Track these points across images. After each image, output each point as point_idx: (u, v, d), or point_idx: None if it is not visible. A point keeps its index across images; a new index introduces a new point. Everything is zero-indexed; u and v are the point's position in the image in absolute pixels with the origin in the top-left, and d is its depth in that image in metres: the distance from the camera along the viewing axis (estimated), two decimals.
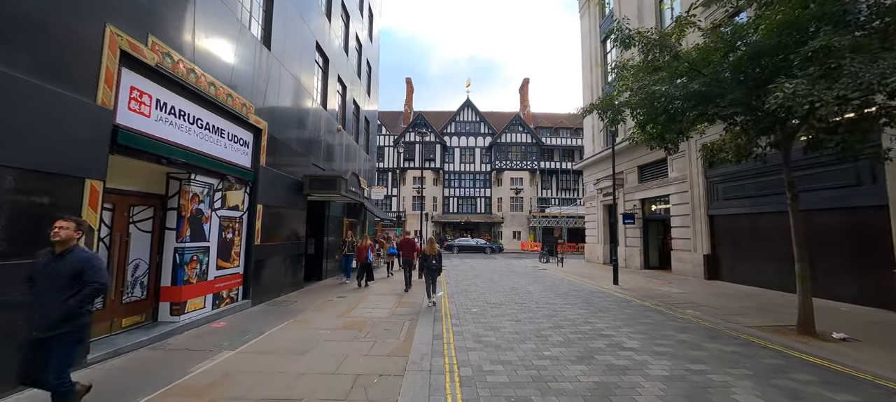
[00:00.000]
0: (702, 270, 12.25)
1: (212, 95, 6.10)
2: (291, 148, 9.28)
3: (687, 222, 13.13)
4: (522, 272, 15.12)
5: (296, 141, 9.58)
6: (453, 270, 15.86)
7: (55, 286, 2.67)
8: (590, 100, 21.52)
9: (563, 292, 10.10)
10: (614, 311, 7.61)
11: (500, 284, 11.57)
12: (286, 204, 8.96)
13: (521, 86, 46.06)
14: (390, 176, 40.56)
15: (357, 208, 16.34)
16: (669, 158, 14.19)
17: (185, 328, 5.54)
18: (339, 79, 13.62)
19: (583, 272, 15.02)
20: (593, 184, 20.51)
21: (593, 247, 20.40)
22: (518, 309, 7.68)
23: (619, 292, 10.12)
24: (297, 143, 9.61)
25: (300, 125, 9.89)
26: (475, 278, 13.19)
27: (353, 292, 9.65)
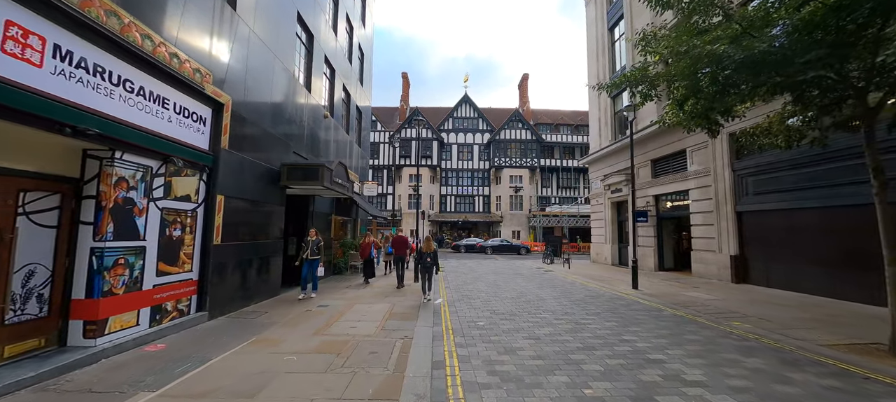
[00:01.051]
0: (728, 272, 11.04)
1: (147, 51, 4.73)
2: (265, 131, 7.91)
3: (710, 219, 11.93)
4: (527, 274, 13.85)
5: (271, 124, 8.21)
6: (452, 271, 14.56)
7: None
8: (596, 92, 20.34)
9: (578, 298, 8.83)
10: (648, 324, 6.35)
11: (506, 288, 10.29)
12: (257, 196, 7.59)
13: (521, 82, 44.88)
14: (386, 173, 39.17)
15: (347, 205, 14.96)
16: (689, 151, 12.99)
17: (103, 355, 4.18)
18: (327, 60, 12.25)
19: (593, 274, 13.77)
20: (600, 180, 19.30)
21: (600, 247, 19.19)
22: (533, 322, 6.38)
23: (642, 297, 8.86)
24: (272, 126, 8.25)
25: (278, 106, 8.52)
26: (476, 281, 11.90)
27: (338, 298, 8.30)
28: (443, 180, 39.44)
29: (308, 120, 10.49)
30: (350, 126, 15.31)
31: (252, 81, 7.39)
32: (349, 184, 10.58)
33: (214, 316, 6.17)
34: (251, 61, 7.37)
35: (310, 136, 10.61)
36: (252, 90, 7.40)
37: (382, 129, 39.68)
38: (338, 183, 9.34)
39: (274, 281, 8.41)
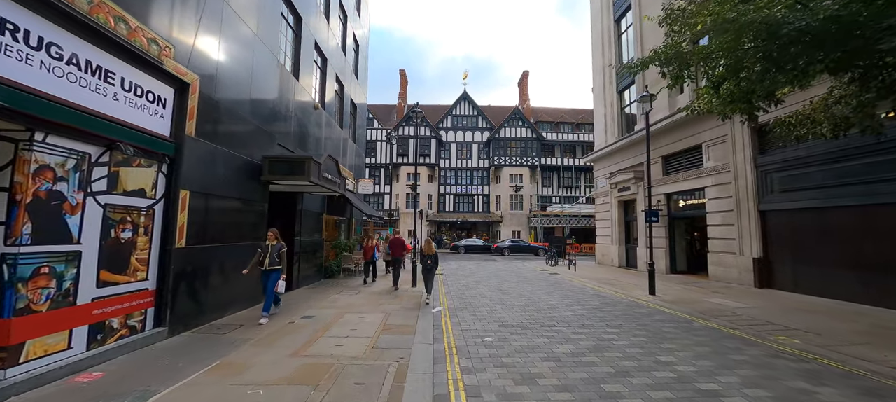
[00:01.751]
0: (750, 276, 10.24)
1: (82, 10, 3.84)
2: (242, 118, 7.01)
3: (729, 219, 11.12)
4: (532, 278, 13.00)
5: (252, 112, 7.31)
6: (451, 274, 13.69)
7: None
8: (602, 83, 19.57)
9: (593, 305, 7.98)
10: (682, 339, 5.50)
11: (512, 294, 9.43)
12: (233, 192, 6.69)
13: (521, 79, 44.10)
14: (383, 172, 38.27)
15: (341, 204, 14.07)
16: (705, 146, 12.18)
17: (13, 391, 3.28)
18: (318, 48, 11.36)
19: (602, 278, 12.94)
20: (606, 178, 18.49)
21: (606, 248, 18.38)
22: (549, 337, 5.52)
23: (663, 305, 8.03)
24: (252, 113, 7.35)
25: (260, 93, 7.62)
26: (478, 285, 11.04)
27: (327, 307, 7.41)
28: (441, 179, 38.57)
29: (296, 112, 9.59)
30: (344, 121, 14.41)
31: (228, 61, 6.49)
32: (341, 180, 9.70)
33: (177, 332, 5.26)
34: (226, 39, 6.46)
35: (298, 129, 9.71)
36: (228, 72, 6.49)
37: (379, 126, 38.77)
38: (327, 179, 8.45)
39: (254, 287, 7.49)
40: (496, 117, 40.38)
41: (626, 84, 17.63)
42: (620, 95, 18.20)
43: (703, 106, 6.63)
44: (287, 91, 8.99)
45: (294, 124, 9.46)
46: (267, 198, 7.97)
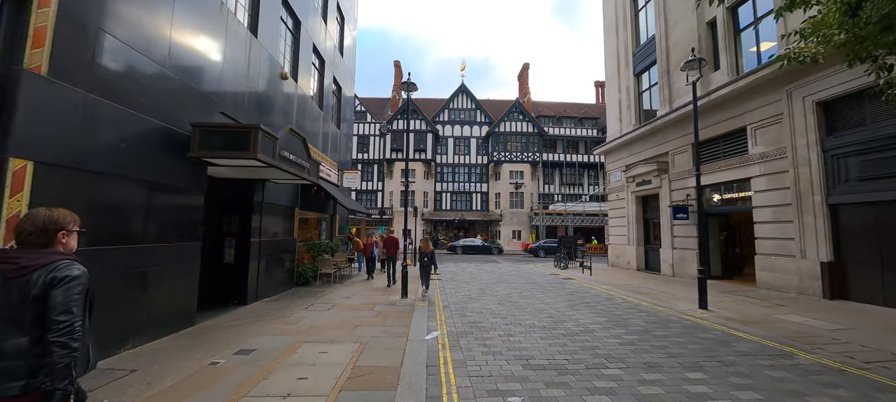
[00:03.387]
0: (817, 284, 8.35)
1: None
2: (155, 67, 4.96)
3: (785, 215, 9.24)
4: (544, 284, 11.04)
5: (172, 60, 5.25)
6: (450, 280, 11.70)
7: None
8: (615, 67, 17.68)
9: (638, 327, 6.03)
10: (811, 394, 3.56)
11: (527, 308, 7.46)
12: (137, 171, 4.65)
13: (521, 72, 42.22)
14: (376, 168, 36.20)
15: (321, 199, 12.03)
16: (751, 129, 10.28)
17: None
18: (287, 5, 9.31)
19: (626, 284, 11.00)
20: (621, 171, 16.60)
21: (621, 249, 16.49)
22: (609, 395, 3.55)
23: (730, 326, 6.09)
24: (175, 65, 5.30)
25: (186, 37, 5.57)
26: (482, 294, 9.06)
27: (280, 333, 5.39)
28: (438, 176, 36.58)
29: (256, 78, 7.56)
30: (325, 104, 12.35)
31: None
32: (311, 165, 7.67)
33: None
34: None
35: (258, 100, 7.67)
36: None
37: (373, 120, 36.71)
38: (288, 160, 6.41)
39: (182, 306, 5.46)
40: (495, 111, 38.45)
41: (644, 66, 15.75)
42: (638, 79, 16.33)
43: (815, 49, 4.65)
44: (237, 46, 6.94)
45: (252, 94, 7.42)
46: (203, 184, 5.93)
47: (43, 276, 1.52)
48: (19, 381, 1.45)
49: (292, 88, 9.55)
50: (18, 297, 1.50)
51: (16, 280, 1.51)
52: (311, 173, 7.76)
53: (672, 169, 13.44)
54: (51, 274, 1.53)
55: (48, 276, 1.53)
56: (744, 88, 10.13)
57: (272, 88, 8.45)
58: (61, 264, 1.57)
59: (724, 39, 11.46)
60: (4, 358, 1.46)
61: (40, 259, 1.55)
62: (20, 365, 1.47)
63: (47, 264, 1.55)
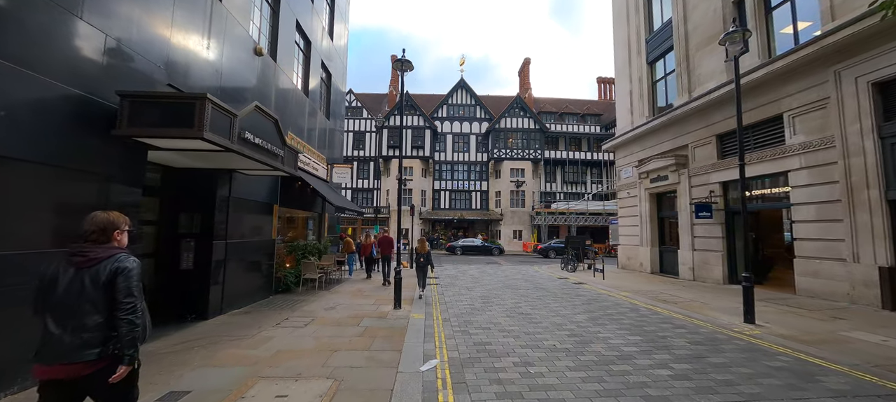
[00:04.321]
0: (875, 293, 7.22)
1: None
2: (71, 27, 3.76)
3: (832, 212, 8.11)
4: (555, 290, 9.88)
5: (92, 10, 4.05)
6: (449, 285, 10.51)
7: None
8: (625, 56, 16.53)
9: (684, 350, 4.87)
10: None
11: (539, 320, 6.30)
12: (37, 153, 3.46)
13: (521, 67, 41.08)
14: (372, 166, 35.00)
15: (307, 195, 10.84)
16: (788, 116, 9.15)
17: None
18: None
19: (645, 290, 9.85)
20: (633, 167, 15.47)
21: (633, 251, 15.36)
22: None
23: (793, 347, 4.95)
24: (101, 23, 4.10)
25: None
26: (488, 304, 7.89)
27: (232, 363, 4.20)
28: (436, 174, 35.37)
29: (219, 49, 6.35)
30: (311, 89, 11.13)
31: None
32: (286, 152, 6.46)
33: None
34: None
35: (222, 75, 6.47)
36: None
37: (369, 116, 35.48)
38: (250, 143, 5.21)
39: None
40: (496, 108, 37.30)
41: (658, 53, 14.61)
42: (651, 67, 15.20)
43: None
44: (194, 7, 5.73)
45: (209, 64, 6.22)
46: (140, 173, 4.72)
47: (109, 266, 1.93)
48: (96, 349, 1.85)
49: (270, 69, 8.34)
50: (91, 283, 1.89)
51: (87, 270, 1.90)
52: (286, 163, 6.56)
53: (692, 163, 12.31)
54: (115, 265, 1.94)
55: (112, 266, 1.93)
56: (781, 71, 9.00)
57: (243, 66, 7.25)
58: (120, 257, 1.98)
59: (754, 19, 10.32)
60: (85, 331, 1.85)
61: (104, 253, 1.96)
62: (96, 337, 1.86)
63: (110, 256, 1.96)
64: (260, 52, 7.68)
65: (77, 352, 1.81)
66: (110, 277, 1.90)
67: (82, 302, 1.86)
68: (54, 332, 1.82)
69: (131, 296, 1.92)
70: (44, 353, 1.82)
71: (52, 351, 1.81)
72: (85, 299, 1.86)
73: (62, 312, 1.85)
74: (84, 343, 1.83)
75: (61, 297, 1.86)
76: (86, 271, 1.90)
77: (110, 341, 1.88)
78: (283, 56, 9.16)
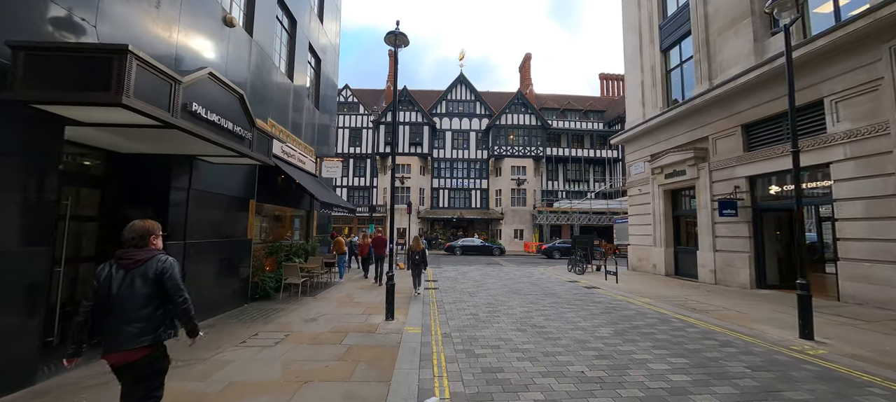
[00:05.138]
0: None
1: None
2: None
3: (886, 209, 7.12)
4: (566, 295, 8.87)
5: None
6: (449, 289, 9.48)
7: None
8: (636, 44, 15.51)
9: (744, 377, 3.86)
10: None
11: (557, 335, 5.29)
12: None
13: (522, 63, 40.08)
14: (369, 163, 33.92)
15: (293, 190, 9.80)
16: (830, 102, 8.16)
17: None
18: None
19: (668, 296, 8.85)
20: (646, 161, 14.48)
21: (645, 251, 14.37)
22: None
23: (876, 373, 3.95)
24: None
25: None
26: (494, 313, 6.87)
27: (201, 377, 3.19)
28: (435, 171, 34.34)
29: (173, 10, 5.30)
30: (294, 69, 10.07)
31: None
32: (255, 135, 5.41)
33: None
34: None
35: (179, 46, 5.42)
36: None
37: (365, 112, 34.41)
38: (203, 120, 4.16)
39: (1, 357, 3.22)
40: (496, 104, 36.30)
41: (673, 40, 13.62)
42: (665, 55, 14.20)
43: None
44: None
45: (162, 29, 5.16)
46: (55, 155, 3.67)
47: (153, 266, 2.27)
48: (149, 336, 2.20)
49: (244, 45, 7.28)
50: (141, 281, 2.23)
51: (135, 270, 2.24)
52: (256, 149, 5.51)
53: (713, 157, 11.32)
54: (158, 265, 2.28)
55: (157, 266, 2.27)
56: (822, 51, 8.01)
57: (208, 36, 6.19)
58: (161, 258, 2.33)
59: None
60: (140, 321, 2.19)
61: (145, 255, 2.29)
62: (148, 326, 2.21)
63: (152, 257, 2.30)
64: (231, 22, 6.63)
65: (136, 340, 2.16)
66: (157, 275, 2.24)
67: (135, 298, 2.19)
68: (115, 325, 2.14)
69: (180, 289, 2.28)
70: (109, 343, 2.16)
71: (116, 340, 2.15)
72: (136, 294, 2.19)
73: (119, 307, 2.16)
74: (140, 332, 2.17)
75: (117, 295, 2.17)
76: (135, 270, 2.22)
77: (160, 329, 2.24)
78: (262, 33, 8.10)
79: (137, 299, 2.18)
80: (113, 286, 2.18)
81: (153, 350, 2.23)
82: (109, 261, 2.27)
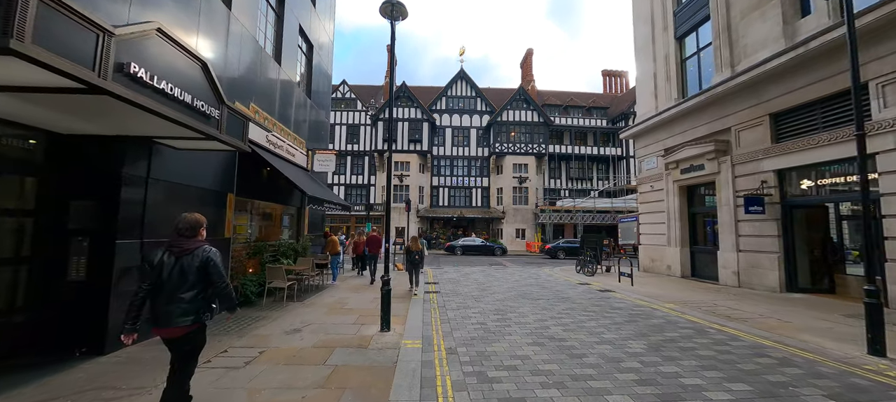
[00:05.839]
0: None
1: None
2: None
3: None
4: (581, 300, 8.03)
5: None
6: (451, 294, 8.64)
7: None
8: (648, 34, 14.67)
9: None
10: None
11: (582, 352, 4.45)
12: None
13: (524, 59, 39.30)
14: (367, 161, 33.04)
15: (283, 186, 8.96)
16: (876, 85, 7.33)
17: None
18: None
19: (693, 301, 8.02)
20: (659, 156, 13.67)
21: (659, 251, 13.55)
22: None
23: None
24: None
25: None
26: (503, 322, 6.03)
27: None
28: (434, 169, 33.48)
29: None
30: (282, 50, 9.20)
31: None
32: (225, 114, 4.56)
33: None
34: None
35: (134, 6, 4.55)
36: None
37: (363, 108, 33.53)
38: (148, 86, 3.31)
39: None
40: (497, 100, 35.45)
41: (689, 26, 12.80)
42: (680, 43, 13.38)
43: None
44: None
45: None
46: None
47: (200, 255, 2.63)
48: (191, 316, 2.55)
49: (217, 11, 6.42)
50: (188, 267, 2.58)
51: (185, 257, 2.60)
52: (228, 132, 4.65)
53: (737, 149, 10.49)
54: (205, 255, 2.64)
55: (203, 255, 2.63)
56: (867, 28, 7.17)
57: (175, 3, 5.33)
58: (206, 248, 2.69)
59: None
60: (184, 302, 2.54)
61: (193, 245, 2.66)
62: (191, 307, 2.56)
63: (199, 247, 2.66)
64: None
65: (178, 319, 2.53)
66: (203, 263, 2.61)
67: (182, 282, 2.55)
68: (164, 304, 2.51)
69: (222, 276, 2.67)
70: (158, 320, 2.54)
71: (164, 318, 2.53)
72: (184, 279, 2.56)
73: (169, 289, 2.53)
74: (183, 312, 2.54)
75: (167, 278, 2.53)
76: (184, 258, 2.59)
77: (200, 311, 2.61)
78: (244, 7, 7.24)
79: (183, 284, 2.53)
80: (164, 271, 2.52)
81: (194, 328, 2.59)
82: (162, 249, 2.61)
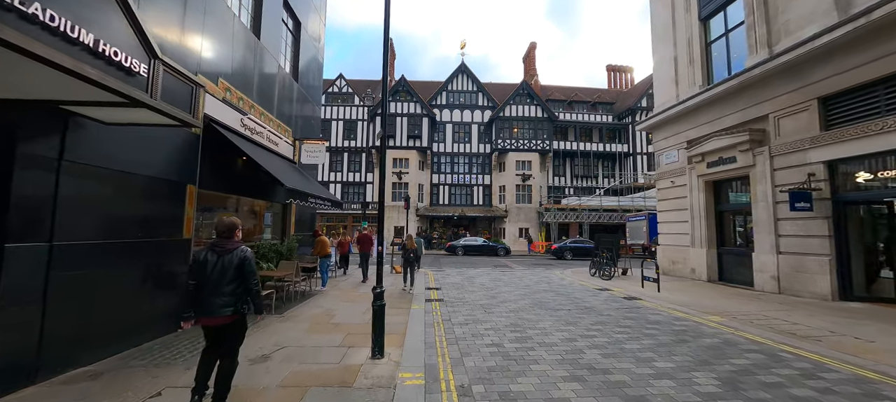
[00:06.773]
0: None
1: None
2: None
3: None
4: (607, 310, 6.88)
5: None
6: (456, 301, 7.47)
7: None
8: (668, 17, 13.50)
9: None
10: None
11: (634, 390, 3.30)
12: None
13: (527, 53, 38.11)
14: (364, 157, 31.85)
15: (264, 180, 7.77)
16: None
17: None
18: None
19: (741, 313, 6.87)
20: (681, 148, 12.53)
21: (681, 253, 12.41)
22: None
23: None
24: None
25: None
26: (523, 346, 4.87)
27: None
28: (434, 166, 32.32)
29: None
30: (261, 22, 8.02)
31: None
32: (159, 73, 3.40)
33: None
34: None
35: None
36: None
37: (360, 103, 32.34)
38: (34, 26, 2.13)
39: None
40: (500, 95, 34.30)
41: (716, 5, 11.63)
42: (704, 25, 12.22)
43: None
44: None
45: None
46: None
47: (237, 254, 3.06)
48: (230, 308, 2.97)
49: None
50: (228, 265, 3.02)
51: (225, 256, 3.04)
52: (166, 97, 3.48)
53: (776, 139, 9.35)
54: (241, 254, 3.08)
55: (240, 255, 3.07)
56: None
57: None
58: (242, 248, 3.13)
59: None
60: (224, 296, 2.97)
61: (232, 245, 3.10)
62: (231, 300, 2.99)
63: (236, 247, 3.10)
64: None
65: (221, 309, 2.95)
66: (240, 262, 3.04)
67: (223, 278, 2.98)
68: (208, 297, 2.94)
69: (254, 275, 3.09)
70: (202, 310, 2.96)
71: (207, 309, 2.95)
72: (225, 276, 2.99)
73: (212, 284, 2.95)
74: (224, 304, 2.96)
75: (210, 274, 2.97)
76: (224, 257, 3.02)
77: (238, 303, 3.03)
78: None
79: (224, 279, 2.97)
80: (207, 268, 2.97)
81: (235, 318, 3.03)
82: (205, 248, 3.08)
